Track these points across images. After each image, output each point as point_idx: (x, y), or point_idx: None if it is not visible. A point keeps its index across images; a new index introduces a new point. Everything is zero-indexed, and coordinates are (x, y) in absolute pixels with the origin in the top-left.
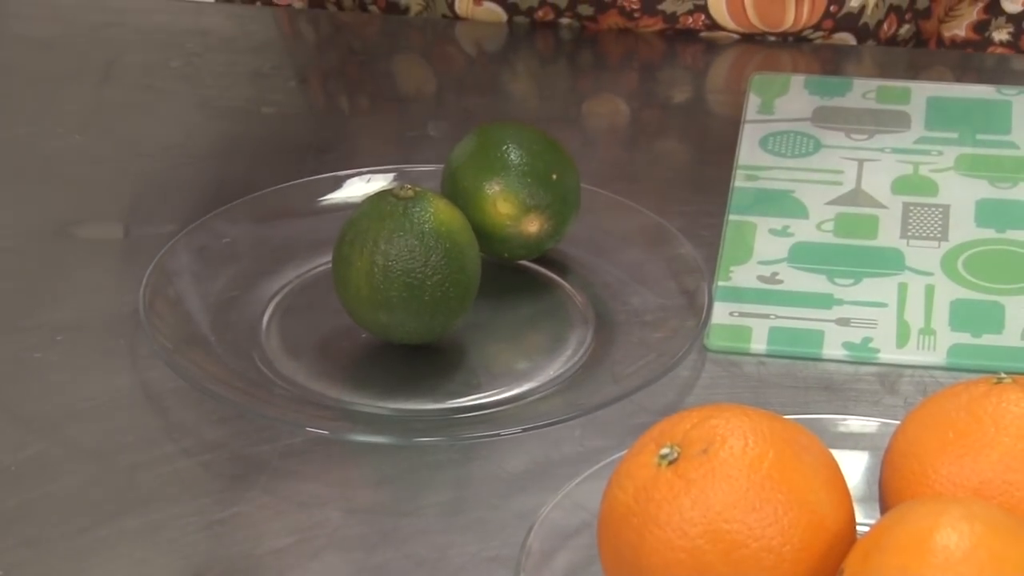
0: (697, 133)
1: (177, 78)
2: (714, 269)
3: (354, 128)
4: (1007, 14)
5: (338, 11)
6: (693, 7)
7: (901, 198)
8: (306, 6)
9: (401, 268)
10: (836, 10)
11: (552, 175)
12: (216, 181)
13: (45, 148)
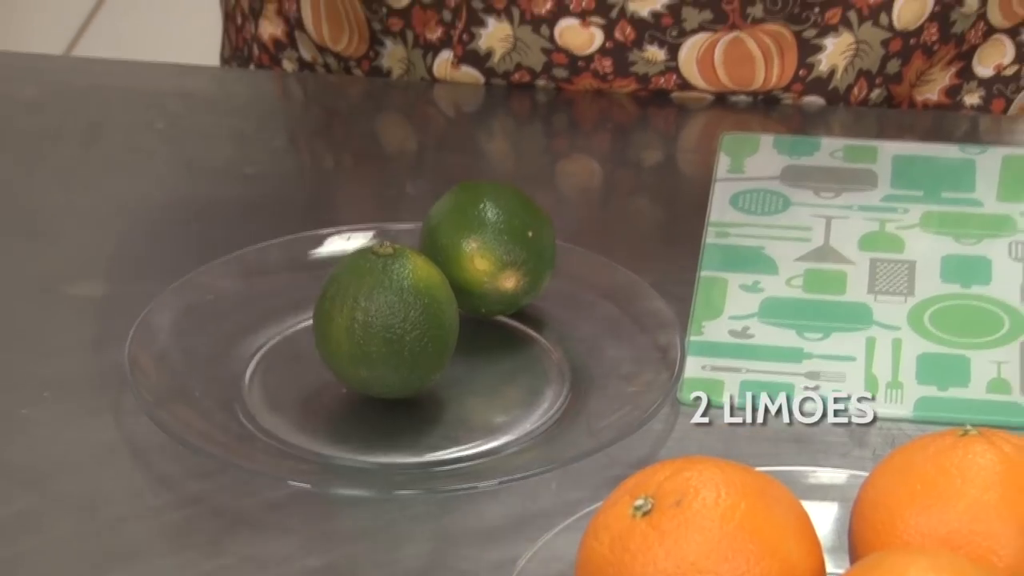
0: (669, 191)
1: (161, 139)
2: (687, 324)
3: (335, 186)
4: (979, 78)
5: (324, 73)
6: (665, 68)
7: (868, 254)
8: (296, 68)
9: (381, 324)
10: (805, 74)
11: (528, 233)
12: (200, 239)
13: (32, 206)
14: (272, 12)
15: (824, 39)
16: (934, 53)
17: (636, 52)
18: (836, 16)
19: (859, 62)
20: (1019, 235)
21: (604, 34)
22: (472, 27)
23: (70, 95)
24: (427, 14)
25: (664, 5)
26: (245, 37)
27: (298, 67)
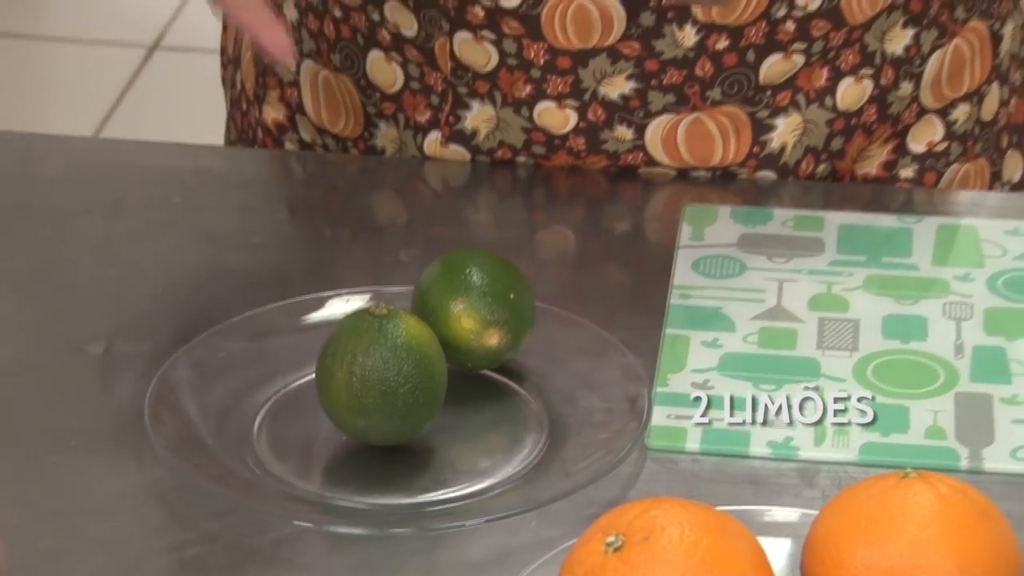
0: (637, 257)
1: (178, 211)
2: (653, 377)
3: (335, 254)
4: (913, 154)
5: (323, 152)
6: (632, 146)
7: (817, 314)
8: (297, 148)
9: (377, 378)
10: (759, 151)
11: (510, 295)
12: (213, 302)
13: (61, 272)
14: (275, 98)
15: (775, 119)
16: (873, 132)
17: (607, 132)
18: (786, 99)
19: (806, 140)
20: (952, 296)
21: (578, 115)
22: (458, 110)
23: (96, 173)
24: (417, 98)
25: (632, 89)
26: (250, 121)
27: (299, 147)
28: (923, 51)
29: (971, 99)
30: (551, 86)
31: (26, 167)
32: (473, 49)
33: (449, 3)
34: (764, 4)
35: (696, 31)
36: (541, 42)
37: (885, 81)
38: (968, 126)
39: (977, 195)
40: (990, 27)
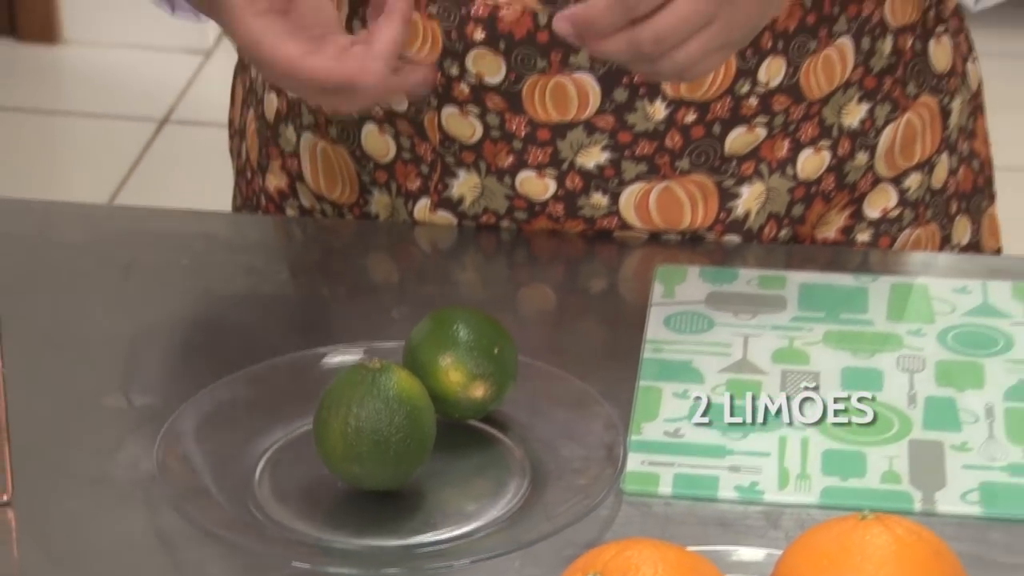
0: (612, 314)
1: (186, 273)
2: (628, 426)
3: (332, 312)
4: (868, 220)
5: (322, 217)
6: (607, 212)
7: (780, 366)
8: (297, 214)
9: (370, 428)
10: (725, 216)
11: (494, 349)
12: (217, 357)
13: (77, 331)
14: (277, 168)
15: (740, 188)
16: (831, 199)
17: (584, 199)
18: (750, 168)
19: (769, 206)
20: (905, 350)
21: (557, 184)
22: (446, 178)
23: (110, 237)
24: (408, 168)
25: (607, 159)
26: (254, 188)
27: (299, 213)
28: (877, 124)
29: (922, 168)
30: (532, 157)
31: (45, 232)
32: (459, 122)
33: (437, 80)
34: (729, 81)
35: (665, 106)
36: (522, 116)
37: (842, 152)
38: (920, 193)
39: (928, 256)
40: (940, 102)
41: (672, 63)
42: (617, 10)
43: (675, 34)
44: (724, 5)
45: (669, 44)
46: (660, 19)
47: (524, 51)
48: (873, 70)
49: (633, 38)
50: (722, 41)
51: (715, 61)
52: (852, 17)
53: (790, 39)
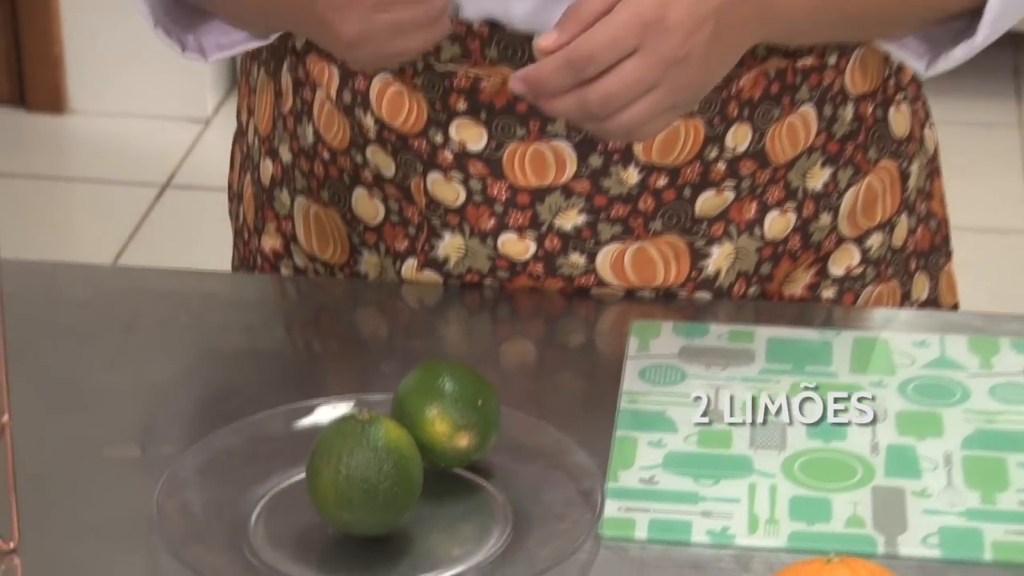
0: (590, 367)
1: (186, 330)
2: (605, 473)
3: (324, 366)
4: (832, 277)
5: (314, 276)
6: (585, 270)
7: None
8: (291, 273)
9: (360, 476)
10: (696, 275)
11: (478, 401)
12: (214, 409)
13: (81, 384)
14: (272, 229)
15: (710, 248)
16: (798, 258)
17: (562, 258)
18: (719, 229)
19: (739, 265)
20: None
21: (536, 245)
22: (432, 240)
23: (114, 296)
24: (396, 230)
25: (583, 221)
26: (251, 249)
27: (293, 272)
28: (840, 187)
29: (883, 229)
30: (512, 219)
31: (52, 292)
32: (444, 187)
33: (422, 147)
34: (698, 147)
35: (638, 171)
36: (503, 181)
37: (807, 213)
38: (881, 252)
39: (889, 312)
40: (899, 166)
41: (620, 123)
42: (566, 72)
43: (621, 96)
44: (668, 71)
45: (616, 105)
46: (606, 81)
47: (504, 120)
48: (835, 136)
49: (582, 98)
50: (668, 104)
51: (662, 123)
52: (814, 86)
53: (755, 107)
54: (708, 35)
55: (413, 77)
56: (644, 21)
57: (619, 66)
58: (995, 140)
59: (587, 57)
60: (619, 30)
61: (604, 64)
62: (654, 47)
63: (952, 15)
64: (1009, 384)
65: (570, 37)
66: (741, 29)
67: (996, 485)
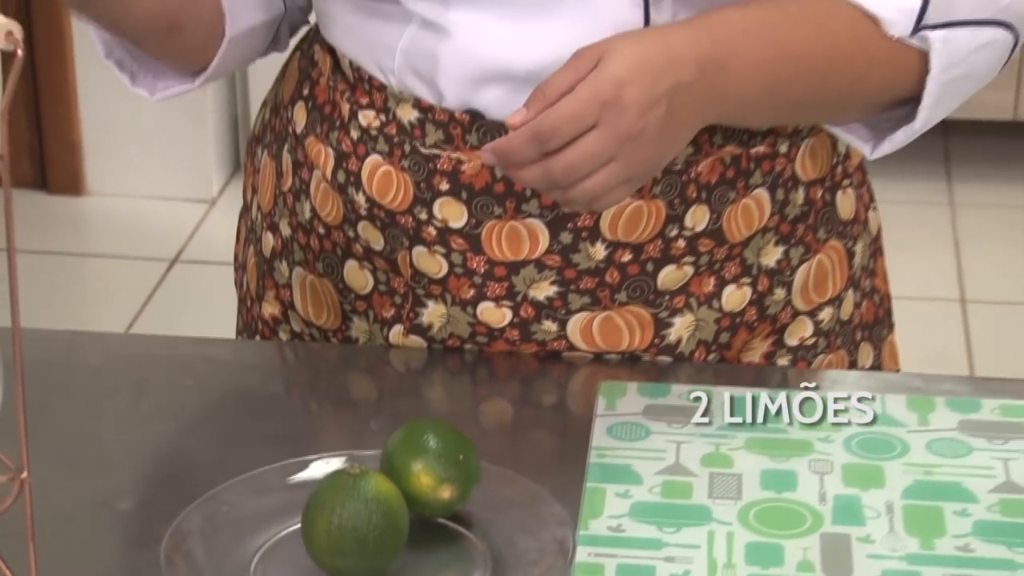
0: (562, 425)
1: (190, 393)
2: (577, 522)
3: (318, 424)
4: (787, 347)
5: (310, 341)
6: (557, 336)
7: (708, 469)
8: (289, 338)
9: (351, 526)
10: (659, 342)
11: (460, 456)
12: (218, 465)
13: (93, 443)
14: (271, 297)
15: (673, 318)
16: (754, 329)
17: (536, 325)
18: (680, 302)
19: (699, 335)
20: (816, 455)
21: (512, 313)
22: (416, 308)
23: (125, 362)
24: (384, 299)
25: (555, 292)
26: (253, 315)
27: (291, 337)
28: (792, 264)
29: (833, 303)
30: (490, 290)
31: (69, 357)
32: (428, 260)
33: (409, 223)
34: (660, 226)
35: (605, 247)
36: (482, 255)
37: (762, 288)
38: (831, 325)
39: (835, 374)
40: (845, 245)
41: (582, 192)
42: (532, 143)
43: (582, 167)
44: (624, 145)
45: (577, 175)
46: (569, 153)
47: (483, 200)
48: (787, 217)
49: (546, 168)
50: (624, 176)
51: (620, 194)
52: (767, 172)
53: (712, 190)
54: (662, 114)
55: (401, 159)
56: (602, 99)
57: (580, 140)
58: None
59: (551, 130)
60: (580, 107)
61: (566, 137)
62: (611, 123)
63: (894, 102)
64: (944, 439)
65: (536, 113)
66: (694, 109)
67: (934, 532)
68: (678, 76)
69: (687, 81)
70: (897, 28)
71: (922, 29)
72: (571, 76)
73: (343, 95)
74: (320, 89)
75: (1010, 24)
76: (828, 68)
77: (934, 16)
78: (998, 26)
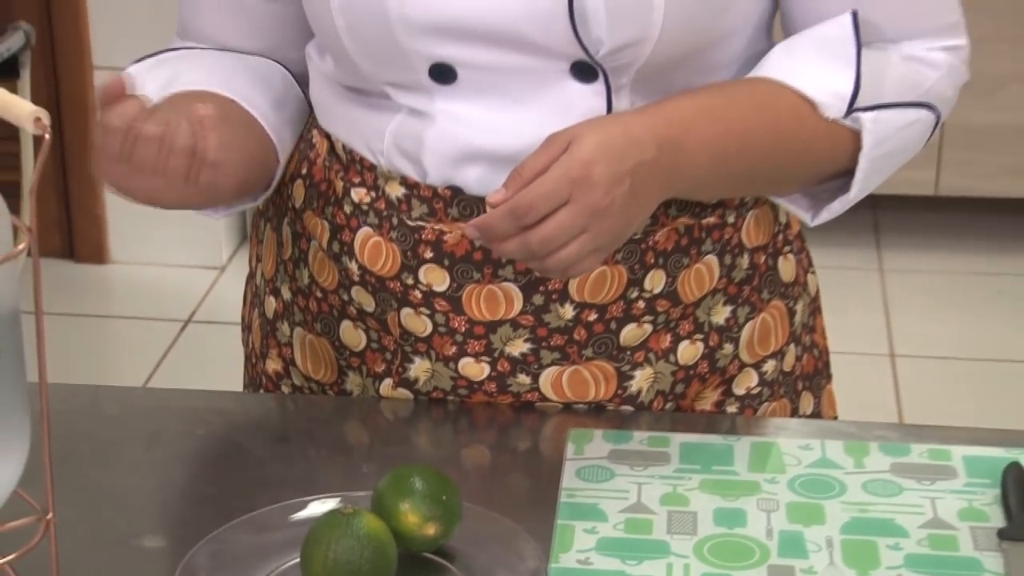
0: (535, 468)
1: (200, 441)
2: (549, 556)
3: (315, 468)
4: (735, 396)
5: (309, 394)
6: (530, 388)
7: (666, 508)
8: (290, 391)
9: (345, 560)
10: (622, 393)
11: (443, 496)
12: (226, 505)
13: (111, 486)
14: (274, 355)
15: (634, 371)
16: (706, 380)
17: (511, 379)
18: (641, 356)
19: (657, 386)
20: (763, 494)
21: (490, 368)
22: (404, 363)
23: (141, 412)
24: (375, 355)
25: (528, 349)
26: (258, 371)
27: (291, 390)
28: (739, 322)
29: (776, 357)
30: (471, 347)
31: (91, 409)
32: (414, 320)
33: (397, 288)
34: (622, 289)
35: (573, 308)
36: (463, 316)
37: (712, 343)
38: (774, 376)
39: (780, 421)
40: (787, 305)
41: (557, 261)
42: (510, 219)
43: (556, 239)
44: (593, 219)
45: (552, 247)
46: (544, 227)
47: (463, 266)
48: (735, 280)
49: (524, 241)
50: (594, 246)
51: (591, 262)
52: (716, 240)
53: (668, 257)
54: (627, 189)
55: (389, 231)
56: (573, 178)
57: (554, 215)
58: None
59: (527, 207)
60: (553, 185)
61: (542, 213)
62: (582, 199)
63: (830, 175)
64: (878, 480)
65: (514, 192)
66: (654, 186)
67: (869, 564)
68: (640, 155)
69: (648, 159)
70: (832, 111)
71: (854, 111)
72: (544, 158)
73: (337, 174)
74: (317, 169)
75: (932, 105)
76: (771, 145)
77: (864, 99)
78: (921, 107)
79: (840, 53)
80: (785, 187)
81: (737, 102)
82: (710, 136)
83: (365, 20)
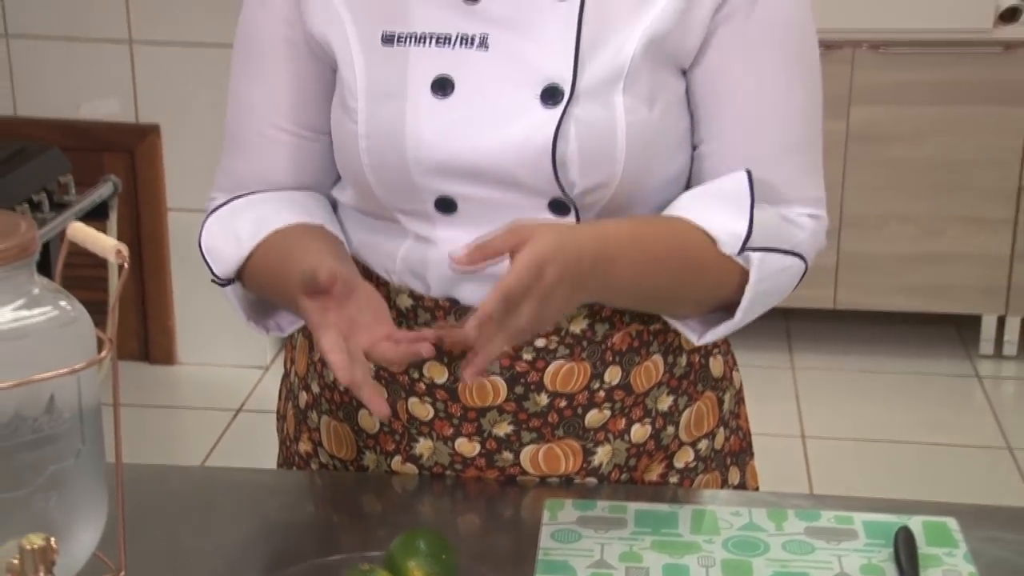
0: (517, 531)
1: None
2: None
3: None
4: (677, 469)
5: (333, 470)
6: (512, 463)
7: (624, 564)
8: (318, 467)
9: None
10: (587, 466)
11: (443, 556)
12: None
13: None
14: (305, 438)
15: (596, 448)
16: (653, 456)
17: (497, 455)
18: (601, 436)
19: (614, 460)
20: (702, 552)
21: (480, 446)
22: (411, 443)
23: (200, 486)
24: (387, 437)
25: (512, 430)
26: (291, 452)
27: (319, 467)
28: (679, 408)
29: (709, 437)
30: (464, 429)
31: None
32: (419, 407)
33: (405, 381)
34: (586, 381)
35: (547, 396)
36: (458, 403)
37: (658, 426)
38: (708, 453)
39: (713, 492)
40: (717, 396)
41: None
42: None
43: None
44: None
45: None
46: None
47: (459, 363)
48: (676, 375)
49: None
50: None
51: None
52: (661, 343)
53: (623, 355)
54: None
55: None
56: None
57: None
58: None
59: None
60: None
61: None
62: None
63: (719, 304)
64: (795, 541)
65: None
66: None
67: None
68: (578, 266)
69: (584, 270)
70: (728, 247)
71: (746, 250)
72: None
73: None
74: None
75: (802, 255)
76: (678, 270)
77: (755, 242)
78: (796, 256)
79: (738, 204)
80: (683, 307)
81: (659, 233)
82: (634, 260)
83: (387, 161)
